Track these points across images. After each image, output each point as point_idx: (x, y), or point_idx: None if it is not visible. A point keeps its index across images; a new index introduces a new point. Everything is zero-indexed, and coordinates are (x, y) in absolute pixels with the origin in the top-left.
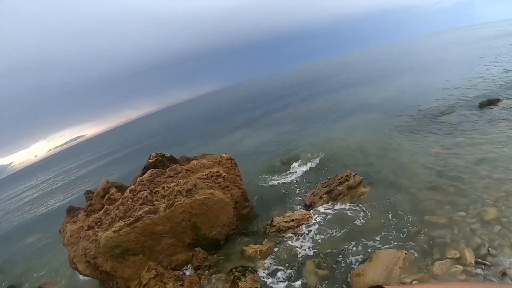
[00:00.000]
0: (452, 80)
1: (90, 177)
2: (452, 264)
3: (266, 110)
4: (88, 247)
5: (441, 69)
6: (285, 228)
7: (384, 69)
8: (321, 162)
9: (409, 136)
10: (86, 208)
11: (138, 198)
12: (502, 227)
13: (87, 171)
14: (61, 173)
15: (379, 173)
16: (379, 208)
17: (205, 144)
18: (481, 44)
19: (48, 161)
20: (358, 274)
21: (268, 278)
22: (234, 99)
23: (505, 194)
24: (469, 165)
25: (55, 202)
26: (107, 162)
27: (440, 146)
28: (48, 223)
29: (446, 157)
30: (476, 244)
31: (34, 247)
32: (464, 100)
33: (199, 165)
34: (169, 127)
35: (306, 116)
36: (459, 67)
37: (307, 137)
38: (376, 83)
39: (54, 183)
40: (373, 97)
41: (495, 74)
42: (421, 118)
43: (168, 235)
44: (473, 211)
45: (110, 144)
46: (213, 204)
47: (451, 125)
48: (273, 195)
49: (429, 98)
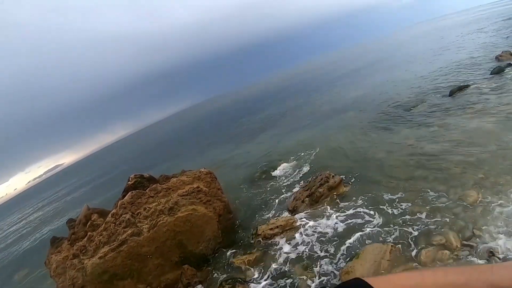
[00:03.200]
0: (421, 73)
1: (71, 206)
2: (439, 250)
3: (240, 122)
4: (75, 276)
5: (410, 62)
6: (271, 236)
7: (353, 69)
8: (300, 167)
9: (384, 131)
10: (69, 237)
11: (120, 222)
12: (483, 209)
13: (68, 200)
14: (42, 205)
15: (358, 171)
16: (361, 205)
17: (182, 161)
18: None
19: (28, 193)
20: (347, 272)
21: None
22: (208, 113)
23: (483, 176)
24: (445, 153)
25: (39, 235)
26: (87, 189)
27: (414, 137)
28: (34, 256)
29: (421, 147)
30: (460, 227)
31: (22, 284)
32: (435, 90)
33: (179, 182)
34: (145, 148)
35: (282, 124)
36: (426, 59)
37: (284, 145)
38: (348, 83)
39: (36, 215)
40: (346, 97)
41: (461, 61)
42: (394, 113)
43: (154, 255)
44: (454, 196)
45: (88, 171)
46: (197, 219)
47: (424, 115)
48: (255, 204)
49: (400, 92)
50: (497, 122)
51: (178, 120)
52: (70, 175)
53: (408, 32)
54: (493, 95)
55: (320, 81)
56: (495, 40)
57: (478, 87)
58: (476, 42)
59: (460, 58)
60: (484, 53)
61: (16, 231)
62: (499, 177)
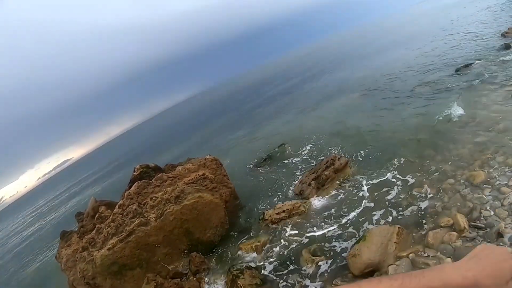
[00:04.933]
0: (427, 51)
1: (80, 199)
2: (446, 232)
3: (246, 107)
4: (85, 268)
5: (415, 41)
6: (277, 220)
7: (358, 50)
8: (306, 150)
9: (391, 111)
10: (78, 230)
11: (128, 213)
12: (491, 189)
13: (77, 193)
14: (52, 200)
15: (364, 152)
16: (368, 187)
17: (188, 149)
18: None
19: (38, 190)
20: (354, 254)
21: (266, 272)
22: (213, 100)
23: (491, 155)
24: (453, 131)
25: (50, 230)
26: (95, 182)
27: (422, 116)
28: (46, 250)
29: (429, 126)
30: (468, 208)
31: (33, 279)
32: (440, 68)
33: (184, 171)
34: (152, 138)
35: (287, 108)
36: (431, 38)
37: (290, 129)
38: (351, 65)
39: (45, 210)
40: (350, 78)
41: (466, 38)
42: (400, 92)
43: (162, 244)
44: (461, 176)
45: (97, 164)
46: (203, 207)
47: (431, 94)
48: (262, 188)
49: (406, 72)
50: (503, 100)
51: (183, 109)
52: (79, 169)
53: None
54: (500, 72)
55: (326, 62)
56: (500, 17)
57: (484, 64)
58: (480, 19)
59: (465, 35)
60: (490, 30)
61: (26, 228)
62: (507, 157)
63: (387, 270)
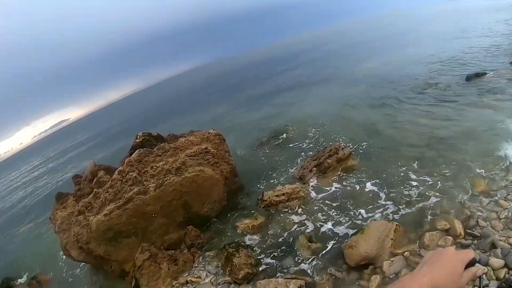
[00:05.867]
0: (438, 54)
1: (77, 162)
2: (443, 235)
3: (250, 85)
4: (80, 232)
5: (428, 42)
6: (276, 203)
7: (368, 41)
8: (309, 134)
9: (396, 108)
10: (75, 193)
11: (127, 180)
12: (490, 200)
13: (74, 155)
14: (48, 160)
15: (367, 146)
16: (369, 180)
17: (190, 121)
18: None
19: (34, 148)
20: (350, 246)
21: (261, 254)
22: (219, 74)
23: (493, 166)
24: (457, 137)
25: (45, 190)
26: (94, 145)
27: (427, 118)
28: (38, 211)
29: (433, 129)
30: (465, 216)
31: (26, 237)
32: (451, 73)
33: (187, 143)
34: (153, 106)
35: (292, 90)
36: (445, 41)
37: (294, 112)
38: (360, 56)
39: (41, 170)
40: (358, 69)
41: (481, 48)
42: (407, 90)
43: (159, 215)
44: (462, 182)
45: (95, 127)
46: (203, 181)
47: (438, 97)
48: (262, 169)
49: (415, 71)
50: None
51: (185, 80)
52: (76, 130)
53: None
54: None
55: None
56: None
57: (496, 76)
58: (498, 30)
59: (481, 44)
60: (508, 42)
61: (21, 186)
62: (508, 171)
63: (382, 265)
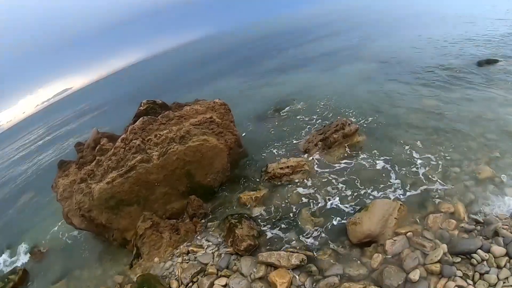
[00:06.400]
0: (453, 36)
1: (80, 130)
2: (446, 218)
3: (261, 57)
4: (82, 200)
5: (443, 24)
6: (280, 175)
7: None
8: (316, 109)
9: (405, 87)
10: (77, 161)
11: (130, 147)
12: (495, 187)
13: (77, 124)
14: (51, 128)
15: (374, 123)
16: (374, 158)
17: (195, 90)
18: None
19: (37, 117)
20: (354, 222)
21: (264, 226)
22: (226, 45)
23: (499, 155)
24: (464, 122)
25: (47, 158)
26: (97, 114)
27: (436, 99)
28: (41, 180)
29: (441, 111)
30: (469, 200)
31: (28, 206)
32: (462, 57)
33: (192, 111)
34: (158, 75)
35: (300, 64)
36: (462, 23)
37: (300, 85)
38: (372, 32)
39: (44, 139)
40: (370, 45)
41: (496, 34)
42: (417, 71)
43: (162, 183)
44: (467, 168)
45: (98, 95)
46: (207, 151)
47: (448, 80)
48: (267, 141)
49: (427, 53)
50: None
51: (191, 50)
52: (79, 99)
53: None
54: None
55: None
56: None
57: (508, 64)
58: None
59: (497, 30)
60: None
61: (23, 156)
62: None
63: (385, 243)
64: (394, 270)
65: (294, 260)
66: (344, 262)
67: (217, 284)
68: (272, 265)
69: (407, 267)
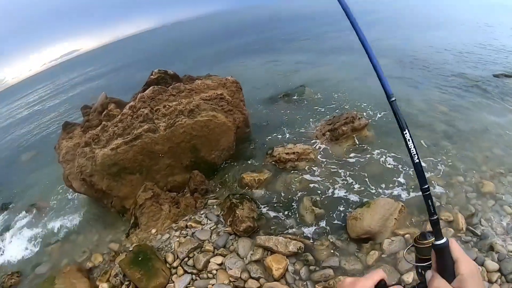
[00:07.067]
0: (471, 43)
1: (86, 94)
2: (444, 226)
3: (277, 38)
4: (84, 164)
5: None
6: (285, 160)
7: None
8: (327, 98)
9: (417, 89)
10: (82, 124)
11: (138, 116)
12: (495, 203)
13: (84, 87)
14: (57, 89)
15: (383, 121)
16: (381, 156)
17: (206, 65)
18: None
19: (43, 75)
20: (355, 217)
21: (264, 209)
22: (241, 21)
23: (504, 172)
24: (473, 133)
25: (50, 119)
26: (105, 78)
27: (447, 105)
28: (42, 140)
29: (452, 118)
30: (469, 212)
31: (27, 165)
32: (479, 66)
33: (203, 86)
34: (169, 45)
35: (313, 49)
36: (482, 31)
37: (313, 70)
38: (388, 27)
39: (49, 99)
40: (386, 40)
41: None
42: (432, 73)
43: (166, 155)
44: (470, 179)
45: (107, 60)
46: (215, 127)
47: (462, 87)
48: (274, 125)
49: (443, 56)
50: None
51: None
52: (87, 61)
53: None
54: None
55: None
56: None
57: None
58: None
59: None
60: None
61: (27, 114)
62: None
63: (383, 242)
64: (388, 269)
65: (292, 247)
66: (341, 255)
67: (213, 262)
68: (269, 249)
69: (402, 269)
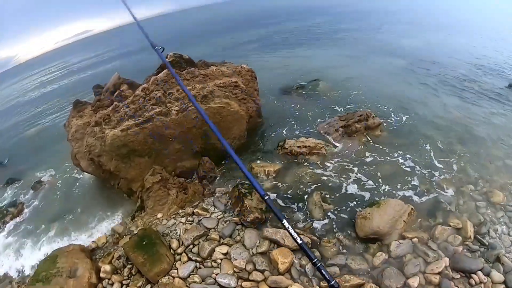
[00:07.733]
0: (489, 52)
1: (98, 74)
2: (453, 233)
3: (286, 28)
4: (93, 144)
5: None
6: (296, 153)
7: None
8: (341, 94)
9: (432, 93)
10: (94, 104)
11: (150, 98)
12: (505, 214)
13: (96, 67)
14: (69, 68)
15: (397, 122)
16: (393, 156)
17: (219, 51)
18: None
19: (55, 53)
20: (364, 216)
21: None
22: (261, 9)
23: None
24: (487, 142)
25: (60, 97)
26: (118, 59)
27: (462, 111)
28: (51, 117)
29: (467, 124)
30: (478, 220)
31: (35, 141)
32: (496, 75)
33: (218, 72)
34: (184, 30)
35: (329, 44)
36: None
37: (328, 65)
38: (404, 28)
39: (60, 77)
40: (400, 42)
41: None
42: (447, 78)
43: (177, 140)
44: (481, 188)
45: (120, 42)
46: (228, 114)
47: (478, 95)
48: (287, 117)
49: (460, 62)
50: None
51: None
52: (100, 42)
53: None
54: None
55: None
56: None
57: None
58: None
59: None
60: None
61: (36, 90)
62: None
63: (390, 244)
64: (394, 272)
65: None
66: (347, 254)
67: (218, 251)
68: (276, 242)
69: (408, 272)
